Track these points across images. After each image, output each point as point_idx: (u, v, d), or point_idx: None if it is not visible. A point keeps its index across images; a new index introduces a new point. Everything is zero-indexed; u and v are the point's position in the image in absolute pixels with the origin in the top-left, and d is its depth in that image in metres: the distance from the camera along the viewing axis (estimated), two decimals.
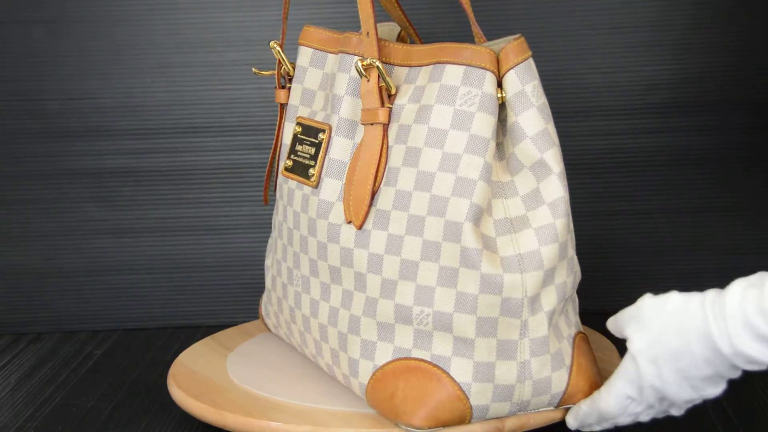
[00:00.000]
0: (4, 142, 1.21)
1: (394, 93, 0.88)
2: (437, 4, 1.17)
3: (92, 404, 1.03)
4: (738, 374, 0.77)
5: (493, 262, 0.83)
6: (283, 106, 1.02)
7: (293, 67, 1.00)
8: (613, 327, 0.84)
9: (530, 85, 0.84)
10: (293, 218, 0.95)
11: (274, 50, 1.00)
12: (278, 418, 0.88)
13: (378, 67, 0.87)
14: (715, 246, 1.19)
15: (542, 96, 0.85)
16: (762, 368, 0.75)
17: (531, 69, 0.84)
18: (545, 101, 0.85)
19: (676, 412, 0.82)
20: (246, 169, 1.21)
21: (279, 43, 1.00)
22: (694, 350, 0.76)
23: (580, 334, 0.89)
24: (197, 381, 0.97)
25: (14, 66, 1.19)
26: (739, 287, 0.74)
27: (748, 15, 1.15)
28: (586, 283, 1.01)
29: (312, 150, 0.94)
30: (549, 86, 0.97)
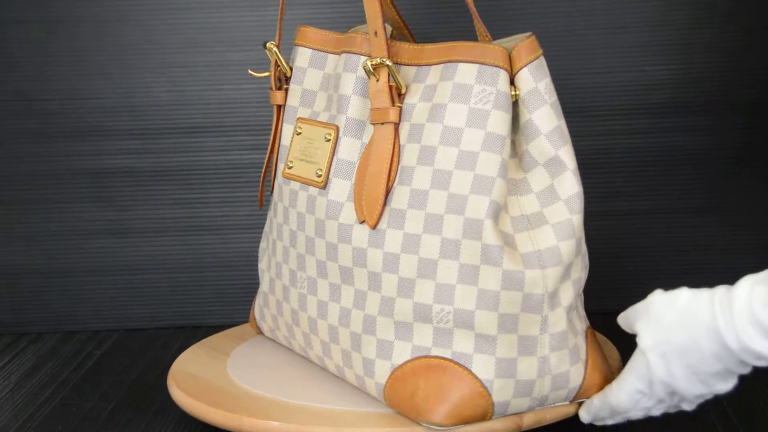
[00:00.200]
0: (4, 142, 1.21)
1: (404, 92, 0.89)
2: (431, 4, 1.17)
3: (92, 404, 1.03)
4: (748, 370, 0.77)
5: (514, 259, 0.83)
6: (280, 108, 1.01)
7: (290, 69, 1.00)
8: (624, 322, 0.84)
9: (543, 83, 0.85)
10: (297, 220, 0.95)
11: (271, 51, 0.99)
12: (298, 420, 0.87)
13: (389, 66, 0.87)
14: (715, 246, 1.20)
15: (554, 93, 0.86)
16: None
17: (543, 67, 0.85)
18: (556, 99, 0.86)
19: (688, 407, 0.83)
20: (246, 169, 1.21)
21: (276, 44, 1.00)
22: (703, 346, 0.77)
23: (590, 329, 0.91)
24: (204, 387, 0.95)
25: (14, 66, 1.19)
26: (748, 284, 0.75)
27: (747, 15, 1.15)
28: (586, 283, 1.01)
29: (318, 151, 0.94)
30: None
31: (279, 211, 0.99)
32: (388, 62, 0.87)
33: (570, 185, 0.85)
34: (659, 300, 0.80)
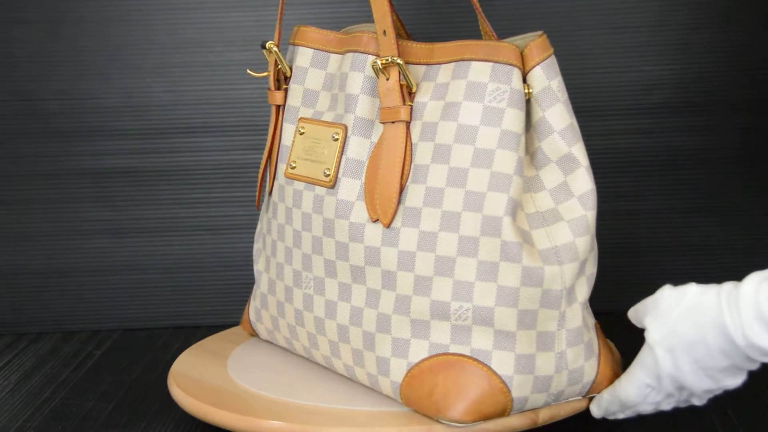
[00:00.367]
0: (4, 142, 1.21)
1: (415, 90, 0.89)
2: (431, 5, 1.17)
3: (92, 404, 1.03)
4: (756, 366, 0.78)
5: (532, 255, 0.84)
6: (279, 108, 1.00)
7: (290, 68, 0.99)
8: (634, 317, 0.85)
9: (555, 81, 0.86)
10: (301, 220, 0.95)
11: (272, 51, 0.98)
12: (317, 421, 0.87)
13: (400, 65, 0.88)
14: (715, 246, 1.20)
15: (565, 92, 0.87)
16: None
17: (555, 65, 0.86)
18: (567, 97, 0.87)
19: (698, 402, 0.83)
20: (246, 169, 1.21)
21: (276, 44, 0.99)
22: (710, 341, 0.77)
23: (598, 324, 0.92)
24: (210, 390, 0.95)
25: (14, 66, 1.19)
26: (755, 280, 0.76)
27: (747, 15, 1.15)
28: None
29: (325, 150, 0.93)
30: None
31: (280, 212, 0.98)
32: (400, 61, 0.87)
33: (583, 182, 0.87)
34: (667, 295, 0.81)
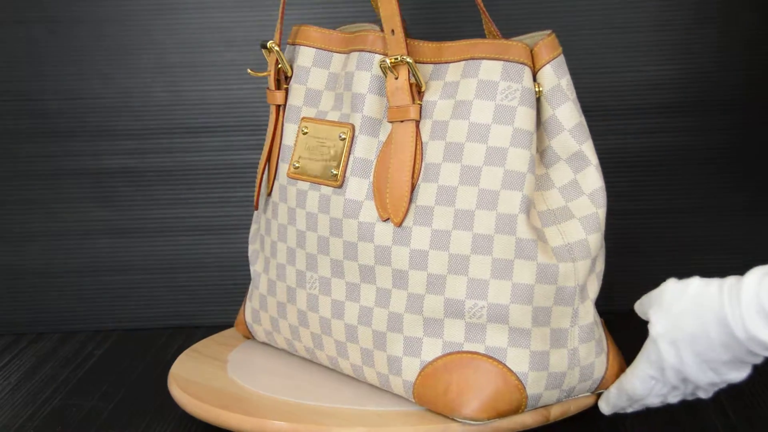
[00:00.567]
0: (4, 142, 1.21)
1: (424, 89, 0.89)
2: (432, 5, 1.17)
3: (92, 404, 1.03)
4: (759, 360, 0.78)
5: (546, 253, 0.85)
6: (279, 108, 1.00)
7: (291, 68, 0.99)
8: (639, 309, 0.86)
9: (565, 80, 0.87)
10: (306, 220, 0.94)
11: (273, 51, 0.98)
12: (329, 423, 0.87)
13: (409, 64, 0.88)
14: (716, 246, 1.20)
15: (574, 90, 0.87)
16: None
17: (563, 64, 0.87)
18: (576, 95, 0.87)
19: (704, 395, 0.84)
20: (246, 169, 1.21)
21: (277, 43, 0.99)
22: (711, 334, 0.78)
23: (603, 320, 0.93)
24: (212, 391, 0.94)
25: (14, 66, 1.19)
26: (757, 275, 0.76)
27: (748, 15, 1.15)
28: None
29: (331, 150, 0.93)
30: None
31: (281, 212, 0.98)
32: (409, 59, 0.88)
33: (594, 179, 0.87)
34: (671, 288, 0.82)
